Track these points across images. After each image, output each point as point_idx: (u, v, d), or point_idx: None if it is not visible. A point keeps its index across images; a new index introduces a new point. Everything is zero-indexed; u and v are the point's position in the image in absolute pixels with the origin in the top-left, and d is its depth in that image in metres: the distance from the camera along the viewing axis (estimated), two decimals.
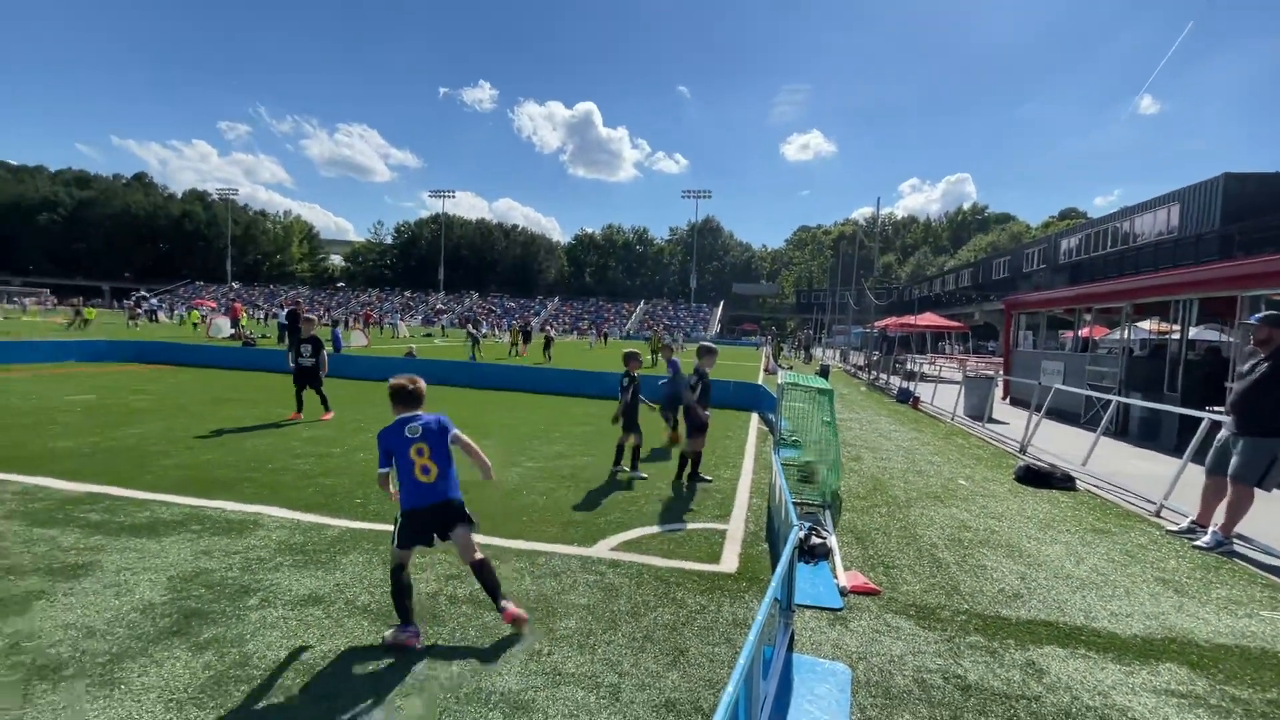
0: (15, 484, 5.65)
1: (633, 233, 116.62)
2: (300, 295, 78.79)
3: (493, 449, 8.01)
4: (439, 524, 3.41)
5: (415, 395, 3.54)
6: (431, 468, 3.35)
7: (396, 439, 3.37)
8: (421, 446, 3.35)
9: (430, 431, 3.39)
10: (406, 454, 3.34)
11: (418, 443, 3.35)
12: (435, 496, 3.37)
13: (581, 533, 5.09)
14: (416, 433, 3.37)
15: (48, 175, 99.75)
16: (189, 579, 3.87)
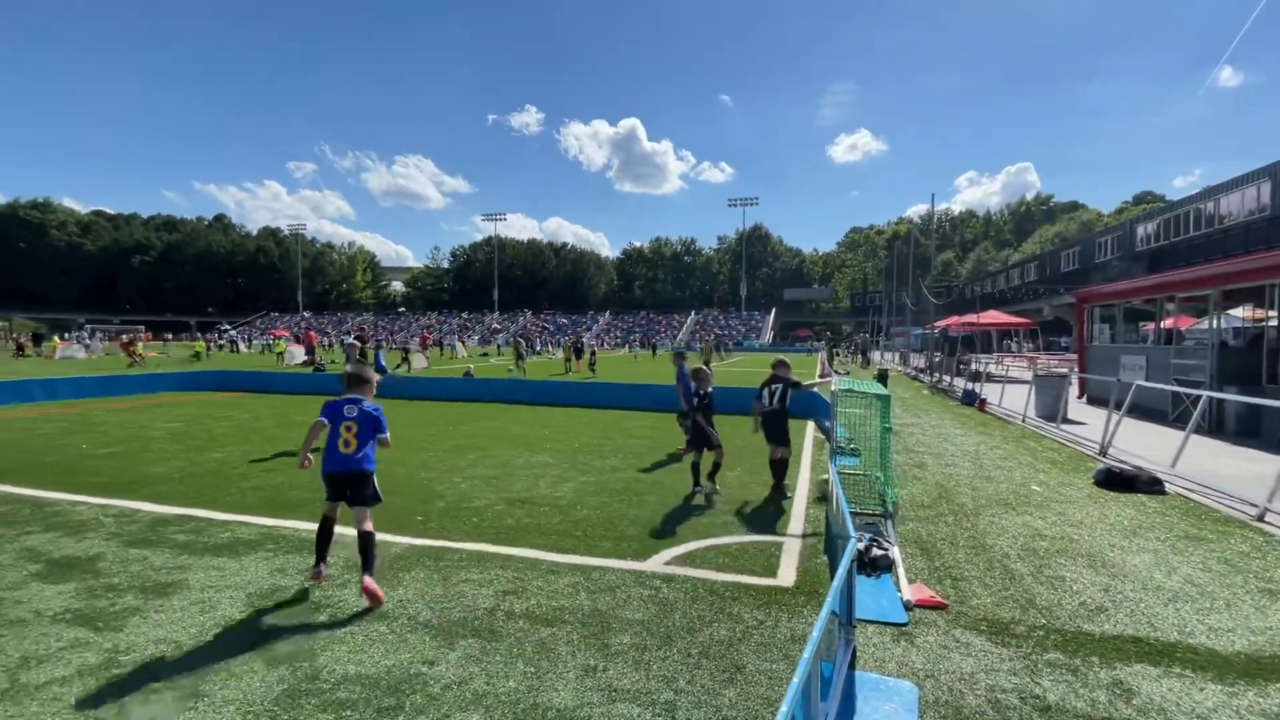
0: (115, 507, 6.12)
1: (680, 244, 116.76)
2: (365, 321, 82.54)
3: (547, 464, 8.15)
4: (350, 487, 4.14)
5: (360, 382, 4.41)
6: (352, 442, 4.12)
7: (335, 412, 4.18)
8: (351, 424, 4.14)
9: (364, 415, 4.18)
10: (338, 427, 4.13)
11: (348, 421, 4.14)
12: (350, 465, 4.11)
13: (635, 547, 5.09)
14: (353, 413, 4.16)
15: (140, 222, 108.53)
16: (265, 596, 4.08)
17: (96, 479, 7.27)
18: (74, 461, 8.25)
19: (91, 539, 5.19)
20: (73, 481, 7.14)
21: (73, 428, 11.04)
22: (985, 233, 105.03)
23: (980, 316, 28.13)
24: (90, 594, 4.10)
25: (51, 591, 4.13)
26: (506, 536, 5.30)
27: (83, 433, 10.51)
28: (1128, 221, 38.88)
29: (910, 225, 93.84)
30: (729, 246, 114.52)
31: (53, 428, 11.01)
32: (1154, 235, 33.37)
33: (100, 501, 6.34)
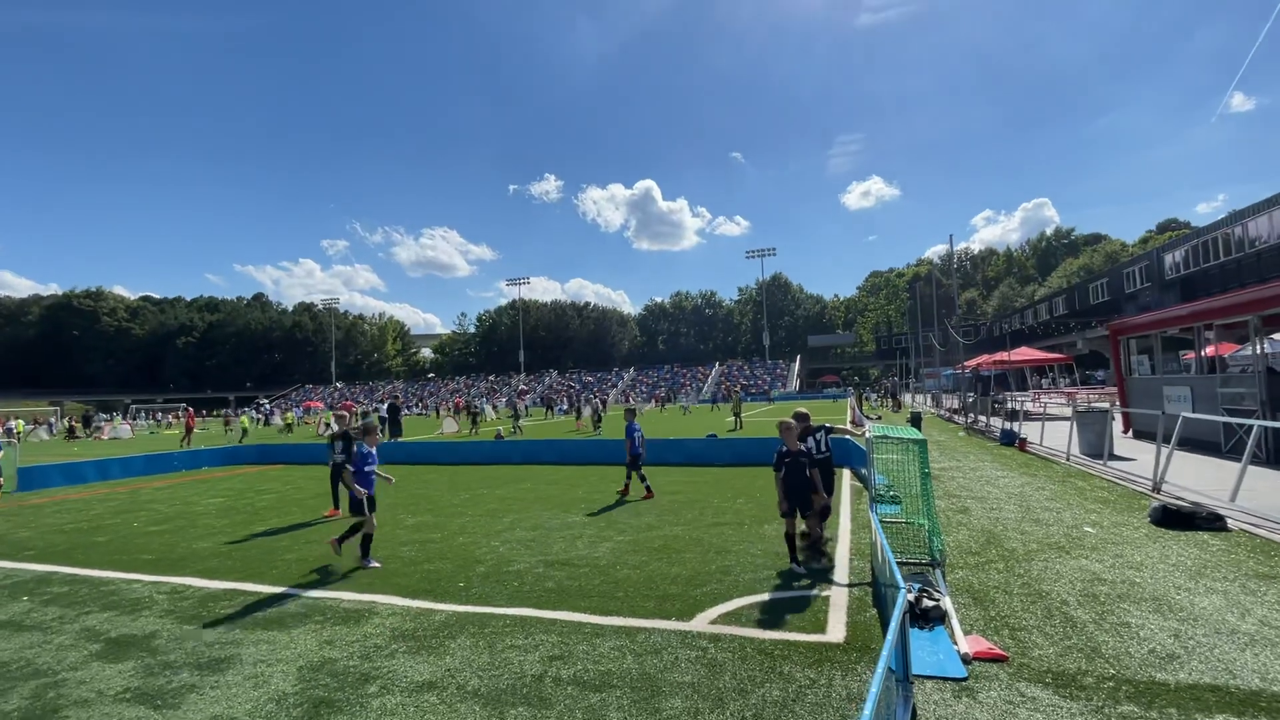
0: (166, 584, 6.27)
1: (700, 297, 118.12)
2: (396, 389, 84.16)
3: (582, 524, 8.13)
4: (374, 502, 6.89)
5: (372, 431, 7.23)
6: (377, 475, 7.05)
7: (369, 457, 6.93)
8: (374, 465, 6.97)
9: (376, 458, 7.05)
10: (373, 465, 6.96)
11: (374, 463, 6.98)
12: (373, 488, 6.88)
13: (679, 606, 5.02)
14: (373, 462, 6.98)
15: (184, 304, 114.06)
16: (316, 668, 4.12)
17: (147, 556, 7.47)
18: (126, 540, 8.49)
19: (146, 617, 5.31)
20: (125, 560, 7.34)
21: (124, 506, 11.38)
22: (1008, 269, 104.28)
23: (1011, 354, 27.65)
24: (148, 672, 4.19)
25: (112, 671, 4.23)
26: (548, 600, 5.28)
27: (133, 511, 10.83)
28: (1154, 250, 38.37)
29: (930, 266, 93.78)
30: (749, 297, 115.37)
31: (105, 507, 11.36)
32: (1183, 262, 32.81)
33: (152, 579, 6.50)
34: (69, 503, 12.10)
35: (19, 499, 12.84)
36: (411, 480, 13.24)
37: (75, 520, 10.17)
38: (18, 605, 5.80)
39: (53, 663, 4.41)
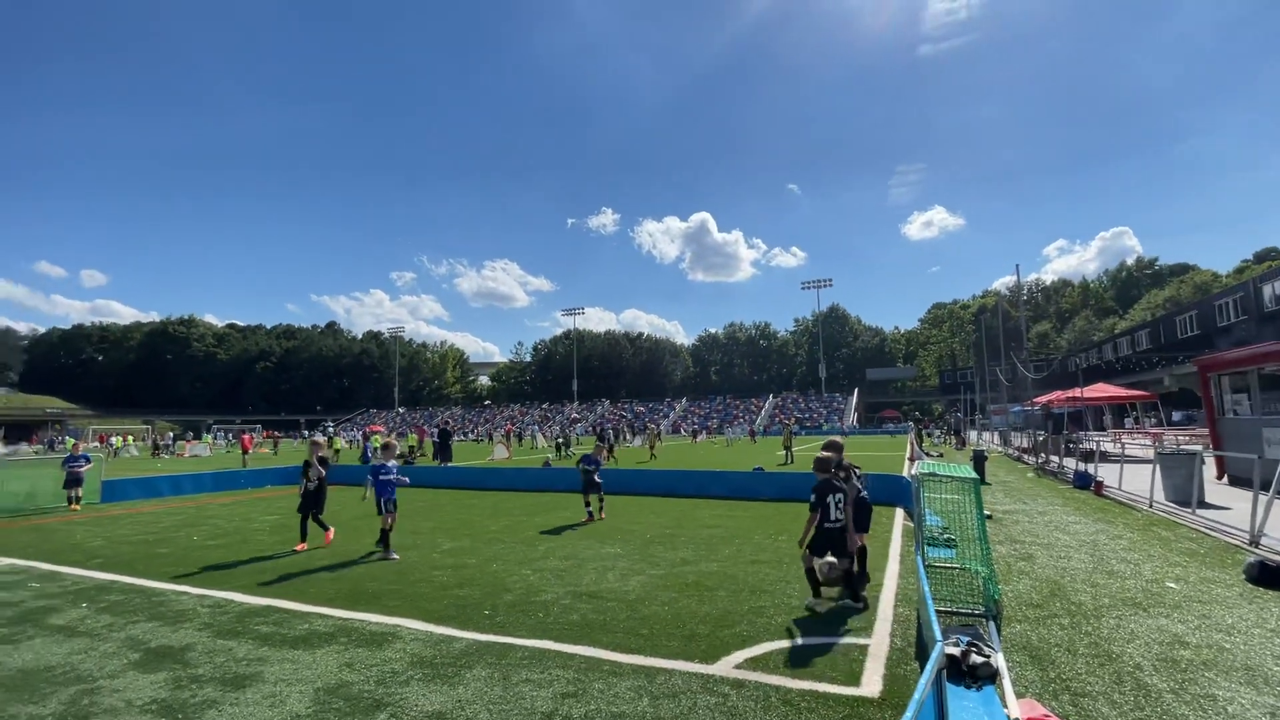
0: (211, 598, 6.48)
1: (755, 328, 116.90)
2: (453, 415, 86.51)
3: (617, 556, 7.95)
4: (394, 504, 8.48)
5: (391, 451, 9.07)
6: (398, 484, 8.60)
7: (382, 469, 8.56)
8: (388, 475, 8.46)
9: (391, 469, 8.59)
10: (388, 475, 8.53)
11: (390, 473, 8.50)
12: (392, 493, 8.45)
13: (704, 647, 4.78)
14: (390, 472, 8.52)
15: (265, 331, 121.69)
16: (331, 691, 4.11)
17: (200, 570, 7.77)
18: (184, 553, 8.88)
19: (186, 629, 5.47)
20: (179, 572, 7.65)
21: (188, 520, 11.98)
22: (1084, 301, 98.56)
23: (1086, 390, 25.87)
24: (176, 684, 4.28)
25: (144, 681, 4.35)
26: (570, 633, 5.13)
27: (195, 525, 11.37)
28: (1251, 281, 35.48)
29: (997, 297, 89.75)
30: (805, 328, 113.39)
31: (172, 521, 11.99)
32: None
33: (200, 592, 6.73)
34: (142, 515, 12.85)
35: (100, 510, 13.74)
36: (455, 505, 13.41)
37: (143, 532, 10.76)
38: (76, 611, 6.11)
39: (94, 669, 4.58)
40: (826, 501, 5.83)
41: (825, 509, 5.82)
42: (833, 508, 5.82)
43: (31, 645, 5.15)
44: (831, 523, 5.78)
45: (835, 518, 5.78)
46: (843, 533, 5.79)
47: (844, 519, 5.81)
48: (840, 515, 5.80)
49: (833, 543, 5.78)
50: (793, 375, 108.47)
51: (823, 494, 5.89)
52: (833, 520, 5.78)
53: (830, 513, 5.80)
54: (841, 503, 5.84)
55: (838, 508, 5.82)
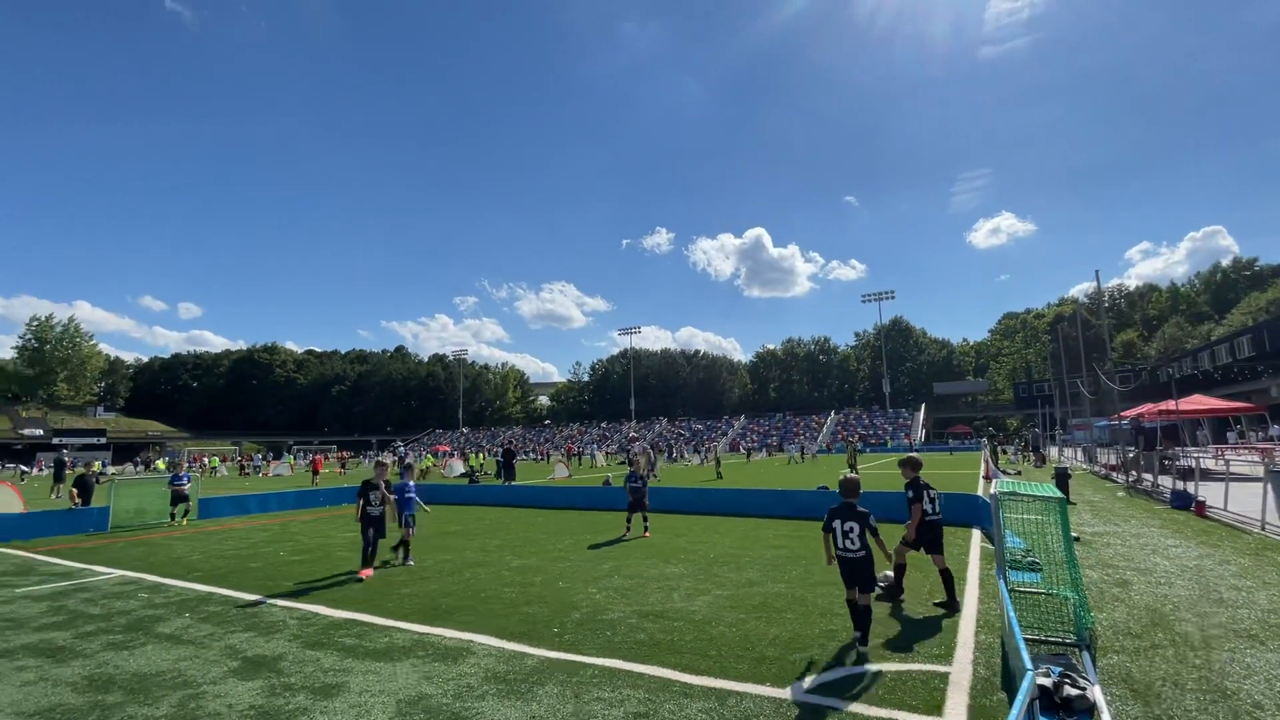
0: (299, 610, 6.85)
1: (814, 343, 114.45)
2: (514, 434, 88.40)
3: (681, 576, 7.91)
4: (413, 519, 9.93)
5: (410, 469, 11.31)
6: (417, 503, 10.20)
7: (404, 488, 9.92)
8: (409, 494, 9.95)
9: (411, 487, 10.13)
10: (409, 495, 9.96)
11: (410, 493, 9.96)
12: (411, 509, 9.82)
13: (775, 670, 4.69)
14: (411, 490, 10.01)
15: (340, 356, 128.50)
16: (412, 703, 4.27)
17: (287, 584, 8.23)
18: (273, 567, 9.43)
19: (278, 639, 5.81)
20: (269, 585, 8.13)
21: (274, 537, 12.71)
22: (1173, 307, 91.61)
23: (1182, 402, 23.96)
24: (271, 692, 4.55)
25: (243, 688, 4.64)
26: (639, 653, 5.15)
27: (281, 541, 12.06)
28: None
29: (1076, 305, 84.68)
30: (866, 342, 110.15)
31: (260, 536, 12.76)
32: None
33: (288, 605, 7.13)
34: (234, 531, 13.73)
35: (197, 526, 14.77)
36: (520, 523, 13.68)
37: (236, 547, 11.49)
38: (180, 620, 6.58)
39: (198, 675, 4.93)
40: (833, 527, 5.27)
41: (833, 534, 5.29)
42: (839, 534, 5.22)
43: (144, 651, 5.58)
44: (841, 550, 5.23)
45: (844, 546, 5.19)
46: (859, 564, 5.16)
47: (857, 548, 5.16)
48: (852, 544, 5.15)
49: (850, 572, 5.20)
50: (855, 391, 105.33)
51: (830, 518, 5.33)
52: (842, 548, 5.23)
53: (838, 539, 5.23)
54: (854, 531, 5.15)
55: (847, 535, 5.17)
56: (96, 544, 12.36)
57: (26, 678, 4.98)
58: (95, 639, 5.99)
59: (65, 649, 5.70)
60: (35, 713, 4.30)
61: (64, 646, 5.78)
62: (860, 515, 5.17)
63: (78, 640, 5.97)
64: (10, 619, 6.83)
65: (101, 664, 5.25)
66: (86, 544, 12.40)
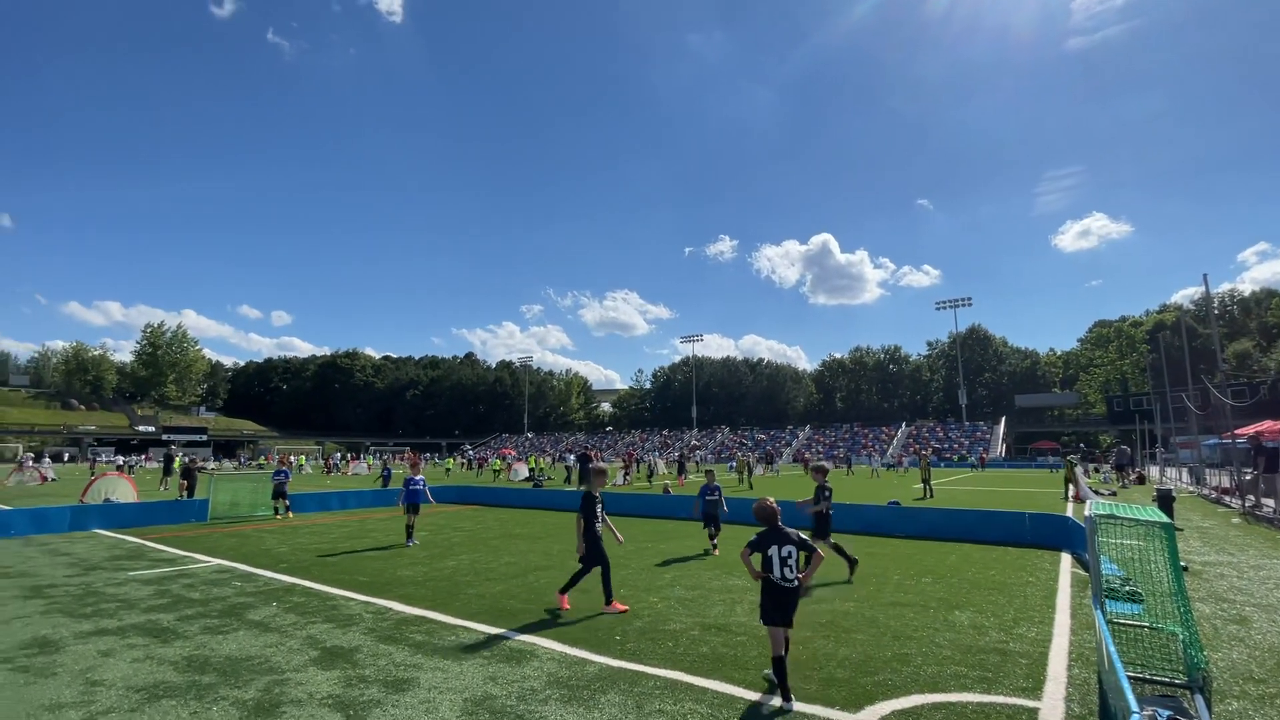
0: (373, 605, 7.15)
1: (883, 352, 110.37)
2: (578, 440, 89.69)
3: (744, 589, 7.74)
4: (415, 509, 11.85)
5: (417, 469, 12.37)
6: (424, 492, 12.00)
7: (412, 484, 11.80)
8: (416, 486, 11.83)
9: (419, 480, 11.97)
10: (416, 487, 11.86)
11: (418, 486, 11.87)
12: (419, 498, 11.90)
13: (844, 694, 4.49)
14: (419, 484, 11.91)
15: (413, 362, 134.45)
16: (478, 703, 4.35)
17: (362, 578, 8.62)
18: (351, 562, 9.90)
19: (354, 632, 6.08)
20: (347, 580, 8.54)
21: (352, 533, 13.37)
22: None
23: None
24: (348, 682, 4.74)
25: (322, 677, 4.87)
26: (702, 666, 5.05)
27: (359, 537, 12.66)
28: None
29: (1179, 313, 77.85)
30: (940, 352, 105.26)
31: (339, 533, 13.44)
32: None
33: (363, 599, 7.46)
34: (317, 526, 14.53)
35: (284, 521, 15.72)
36: None
37: (318, 542, 12.15)
38: (268, 609, 7.00)
39: (282, 662, 5.21)
40: (770, 554, 4.51)
41: (769, 563, 4.52)
42: (778, 563, 4.45)
43: (236, 636, 5.96)
44: (780, 581, 4.46)
45: (783, 576, 4.45)
46: (793, 594, 4.48)
47: (794, 579, 4.47)
48: (790, 574, 4.45)
49: (787, 604, 4.46)
50: (928, 402, 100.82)
51: (762, 544, 4.59)
52: (781, 578, 4.45)
53: (776, 568, 4.46)
54: (792, 558, 4.46)
55: (785, 563, 4.45)
56: (197, 533, 13.37)
57: (135, 655, 5.41)
58: (194, 622, 6.46)
59: (168, 630, 6.17)
60: (142, 688, 4.66)
61: (167, 628, 6.25)
62: (799, 541, 4.56)
63: (179, 622, 6.45)
64: (123, 600, 7.47)
65: (199, 646, 5.64)
66: (188, 533, 13.43)
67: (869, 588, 7.90)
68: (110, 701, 4.40)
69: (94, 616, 6.70)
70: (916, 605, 7.01)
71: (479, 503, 20.52)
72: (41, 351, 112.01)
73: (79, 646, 5.65)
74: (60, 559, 10.29)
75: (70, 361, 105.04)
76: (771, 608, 4.46)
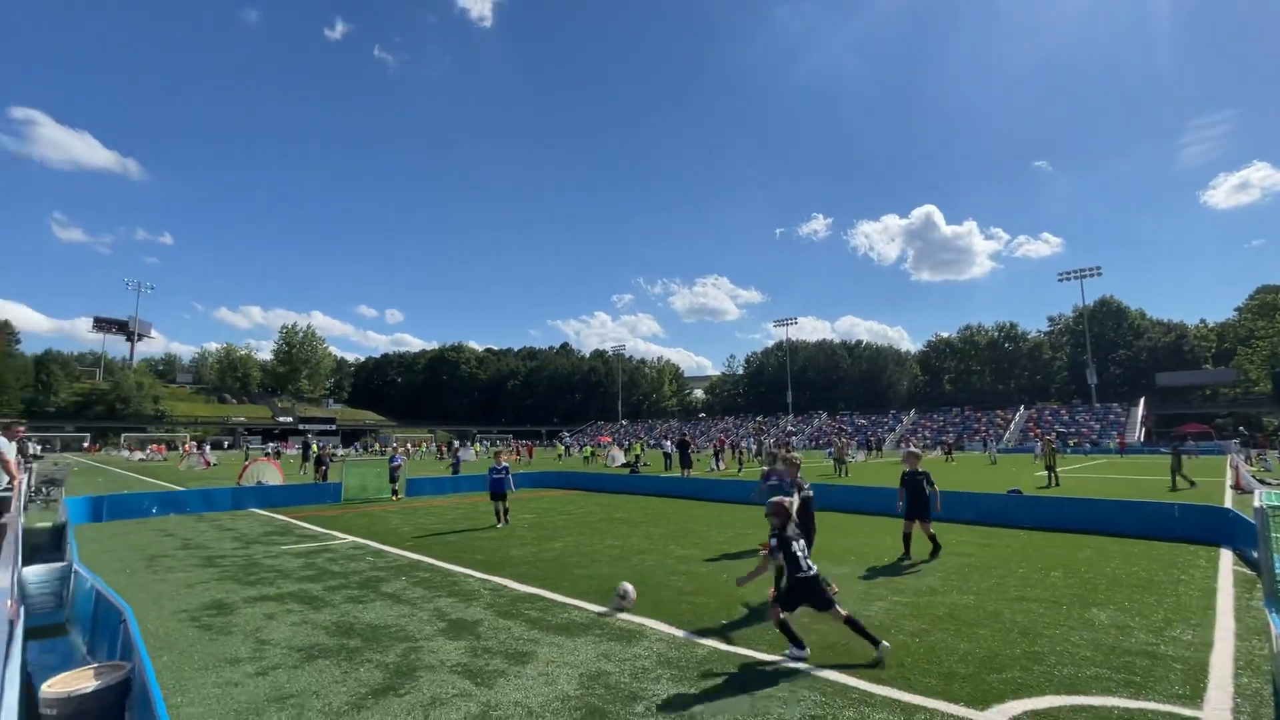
0: (491, 582, 7.62)
1: (997, 330, 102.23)
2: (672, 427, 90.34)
3: (853, 578, 7.53)
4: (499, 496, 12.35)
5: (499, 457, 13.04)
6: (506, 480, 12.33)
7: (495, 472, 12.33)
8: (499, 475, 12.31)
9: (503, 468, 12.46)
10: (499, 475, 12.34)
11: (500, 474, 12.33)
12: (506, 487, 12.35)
13: (969, 690, 4.28)
14: (502, 472, 12.33)
15: (513, 354, 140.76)
16: (593, 678, 4.54)
17: (479, 557, 9.19)
18: (466, 541, 10.59)
19: (475, 607, 6.51)
20: (464, 558, 9.15)
21: (466, 515, 14.28)
22: None
23: None
24: (473, 653, 5.11)
25: (450, 646, 5.27)
26: (813, 655, 4.98)
27: (472, 519, 13.50)
28: None
29: None
30: (1065, 327, 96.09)
31: (456, 514, 14.40)
32: None
33: (481, 576, 7.96)
34: (434, 508, 15.64)
35: (407, 502, 17.06)
36: (681, 514, 13.95)
37: (436, 522, 13.08)
38: (398, 583, 7.65)
39: (414, 631, 5.68)
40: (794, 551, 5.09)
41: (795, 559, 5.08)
42: (802, 559, 5.06)
43: (374, 606, 6.57)
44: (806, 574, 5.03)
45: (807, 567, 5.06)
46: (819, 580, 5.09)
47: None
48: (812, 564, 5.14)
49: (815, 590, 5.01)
50: (1050, 382, 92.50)
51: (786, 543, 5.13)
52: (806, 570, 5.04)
53: (802, 564, 5.05)
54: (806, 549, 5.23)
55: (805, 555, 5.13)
56: (334, 513, 14.79)
57: (293, 619, 6.11)
58: (338, 592, 7.18)
59: (318, 599, 6.90)
60: (301, 648, 5.25)
61: (317, 597, 6.99)
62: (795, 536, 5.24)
63: (326, 592, 7.19)
64: (280, 570, 8.43)
65: (344, 614, 6.28)
66: (327, 513, 14.90)
67: (989, 581, 7.43)
68: (276, 659, 5.01)
69: (257, 584, 7.61)
70: (1046, 601, 6.51)
71: (579, 488, 21.22)
72: (200, 353, 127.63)
73: (247, 609, 6.46)
74: (226, 533, 11.75)
75: (223, 361, 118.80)
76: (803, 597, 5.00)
